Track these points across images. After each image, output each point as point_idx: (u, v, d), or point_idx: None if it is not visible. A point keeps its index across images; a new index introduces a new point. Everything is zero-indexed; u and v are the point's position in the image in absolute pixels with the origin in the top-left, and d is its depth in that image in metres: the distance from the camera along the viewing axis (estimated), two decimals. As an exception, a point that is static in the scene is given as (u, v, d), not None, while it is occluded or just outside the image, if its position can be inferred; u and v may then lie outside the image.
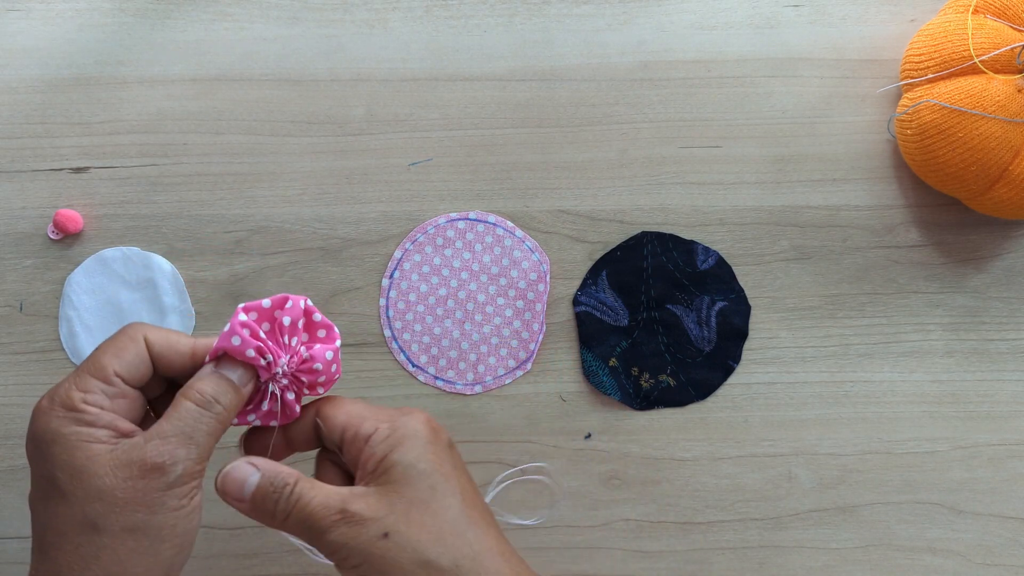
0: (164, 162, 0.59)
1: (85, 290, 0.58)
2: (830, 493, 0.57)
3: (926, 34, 0.55)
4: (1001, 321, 0.58)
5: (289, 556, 0.57)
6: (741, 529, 0.57)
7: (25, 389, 0.58)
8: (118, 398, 0.39)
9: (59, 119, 0.58)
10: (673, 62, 0.59)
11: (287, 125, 0.59)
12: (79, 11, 0.59)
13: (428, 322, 0.58)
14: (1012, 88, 0.51)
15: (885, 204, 0.59)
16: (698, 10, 0.59)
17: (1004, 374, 0.58)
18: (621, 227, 0.59)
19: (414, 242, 0.58)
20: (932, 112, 0.53)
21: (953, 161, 0.53)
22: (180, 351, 0.41)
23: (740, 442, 0.58)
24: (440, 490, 0.40)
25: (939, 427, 0.58)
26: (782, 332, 0.58)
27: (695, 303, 0.58)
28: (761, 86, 0.59)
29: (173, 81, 0.59)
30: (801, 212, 0.59)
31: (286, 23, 0.59)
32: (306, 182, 0.58)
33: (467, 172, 0.59)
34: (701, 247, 0.58)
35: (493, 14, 0.59)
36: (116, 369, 0.39)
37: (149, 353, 0.40)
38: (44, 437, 0.37)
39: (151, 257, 0.58)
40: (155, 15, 0.59)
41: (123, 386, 0.39)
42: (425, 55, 0.59)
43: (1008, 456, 0.58)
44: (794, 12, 0.59)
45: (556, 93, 0.59)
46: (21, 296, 0.58)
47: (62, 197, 0.58)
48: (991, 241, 0.59)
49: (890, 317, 0.58)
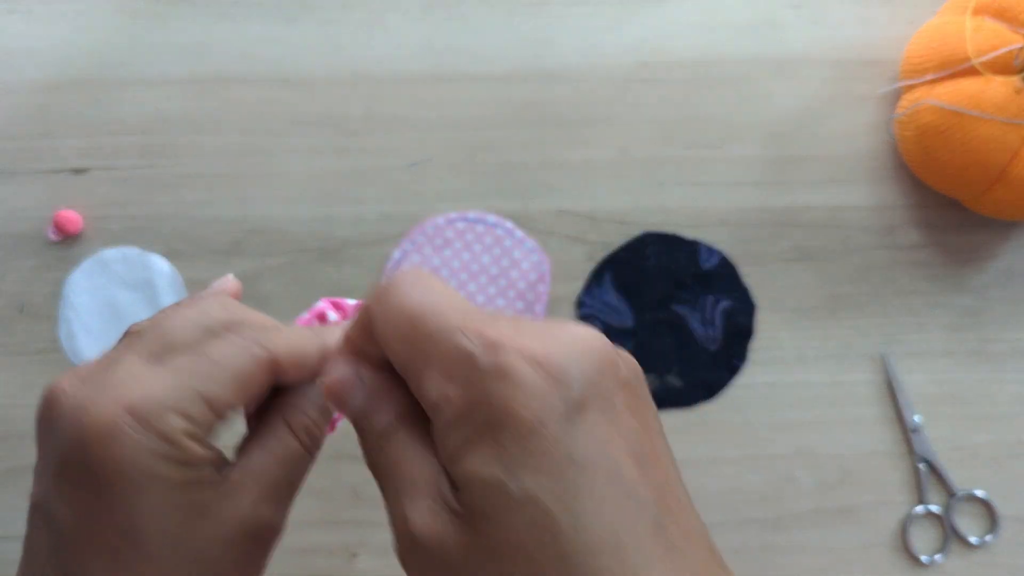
0: (163, 163, 0.58)
1: (85, 291, 0.58)
2: (830, 494, 0.57)
3: (925, 35, 0.55)
4: (1001, 321, 0.58)
5: (288, 557, 0.56)
6: (741, 530, 0.57)
7: (25, 390, 0.58)
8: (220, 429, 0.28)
9: (58, 120, 0.58)
10: (673, 62, 0.59)
11: (286, 125, 0.59)
12: (79, 12, 0.59)
13: (428, 323, 0.58)
14: (1011, 89, 0.51)
15: (885, 205, 0.59)
16: (698, 10, 0.59)
17: (1004, 374, 0.58)
18: (621, 227, 0.58)
19: (413, 243, 0.58)
20: (931, 113, 0.53)
21: (953, 162, 0.53)
22: (308, 365, 0.29)
23: (741, 443, 0.58)
24: (558, 529, 0.21)
25: (939, 427, 0.57)
26: (783, 333, 0.58)
27: (700, 303, 0.58)
28: (761, 87, 0.59)
29: (172, 82, 0.59)
30: (801, 213, 0.59)
31: (284, 23, 0.59)
32: (305, 182, 0.58)
33: (466, 172, 0.59)
34: (704, 247, 0.58)
35: (492, 14, 0.59)
36: (230, 400, 0.27)
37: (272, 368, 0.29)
38: (124, 471, 0.25)
39: (150, 258, 0.58)
40: (154, 16, 0.59)
41: (230, 415, 0.28)
42: (424, 54, 0.59)
43: (1008, 456, 0.57)
44: (794, 13, 0.59)
45: (556, 93, 0.59)
46: (21, 297, 0.58)
47: (61, 198, 0.58)
48: (991, 242, 0.59)
49: (890, 317, 0.58)
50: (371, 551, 0.56)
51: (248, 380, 0.28)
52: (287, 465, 0.29)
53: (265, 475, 0.28)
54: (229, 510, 0.27)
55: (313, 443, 0.30)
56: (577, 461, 0.22)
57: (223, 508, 0.27)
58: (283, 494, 0.29)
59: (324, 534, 0.56)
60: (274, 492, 0.28)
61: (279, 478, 0.29)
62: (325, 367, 0.28)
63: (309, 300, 0.42)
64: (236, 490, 0.28)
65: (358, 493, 0.56)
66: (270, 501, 0.28)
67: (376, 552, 0.56)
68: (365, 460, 0.27)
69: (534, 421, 0.22)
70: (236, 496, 0.27)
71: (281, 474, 0.29)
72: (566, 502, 0.21)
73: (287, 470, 0.29)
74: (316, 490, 0.56)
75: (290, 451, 0.29)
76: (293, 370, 0.29)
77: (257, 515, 0.28)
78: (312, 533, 0.56)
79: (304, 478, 0.30)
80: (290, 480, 0.29)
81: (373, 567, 0.56)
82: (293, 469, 0.29)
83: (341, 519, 0.56)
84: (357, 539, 0.56)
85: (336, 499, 0.56)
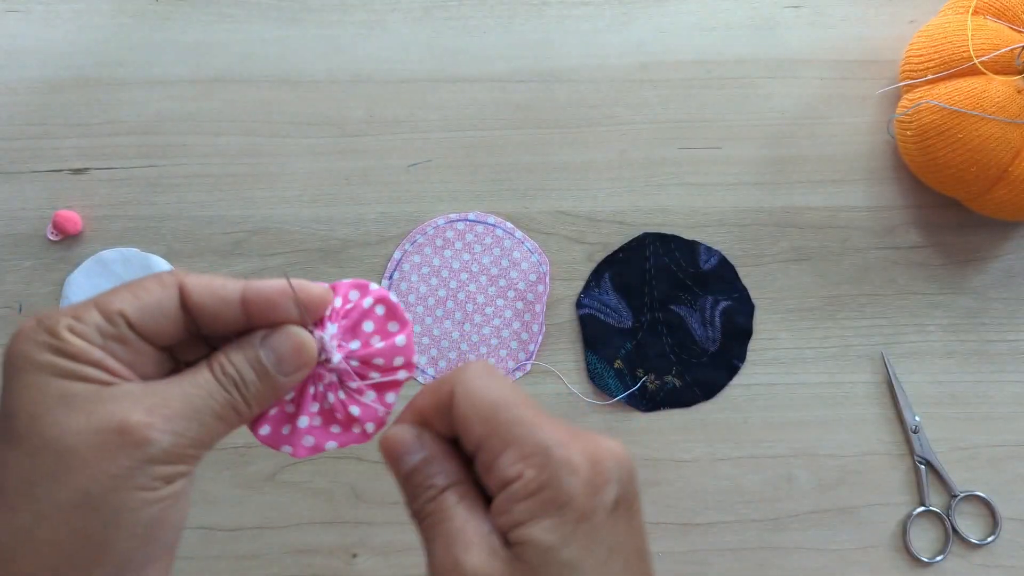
0: (163, 163, 0.58)
1: (85, 291, 0.58)
2: (830, 494, 0.57)
3: (926, 35, 0.55)
4: (1001, 322, 0.58)
5: (288, 557, 0.56)
6: (741, 530, 0.57)
7: (24, 390, 0.58)
8: (116, 342, 0.29)
9: (58, 120, 0.58)
10: (672, 63, 0.59)
11: (286, 126, 0.59)
12: (78, 12, 0.59)
13: (428, 323, 0.58)
14: (1012, 89, 0.51)
15: (885, 205, 0.59)
16: (698, 11, 0.59)
17: (1003, 375, 0.58)
18: (620, 228, 0.58)
19: (413, 243, 0.58)
20: (932, 113, 0.53)
21: (953, 162, 0.53)
22: (226, 299, 0.31)
23: (740, 443, 0.58)
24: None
25: (939, 427, 0.57)
26: (782, 333, 0.58)
27: (699, 303, 0.58)
28: (761, 87, 0.59)
29: (172, 82, 0.59)
30: (801, 213, 0.59)
31: (285, 24, 0.59)
32: (305, 183, 0.58)
33: (466, 173, 0.59)
34: (703, 247, 0.58)
35: (492, 15, 0.59)
36: (124, 308, 0.29)
37: (186, 303, 0.30)
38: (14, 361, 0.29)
39: (150, 258, 0.58)
40: (154, 16, 0.59)
41: (126, 331, 0.29)
42: (424, 56, 0.59)
43: (1008, 457, 0.57)
44: (793, 13, 0.59)
45: (555, 94, 0.59)
46: (20, 297, 0.58)
47: (61, 198, 0.58)
48: (991, 242, 0.59)
49: (890, 318, 0.58)
50: (371, 551, 0.56)
51: (150, 300, 0.30)
52: (188, 395, 0.30)
53: (160, 393, 0.29)
54: (103, 409, 0.28)
55: (238, 396, 0.31)
56: (610, 546, 0.29)
57: (97, 406, 0.28)
58: (173, 417, 0.29)
59: (324, 534, 0.56)
60: (160, 410, 0.29)
61: (179, 407, 0.29)
62: (388, 431, 0.33)
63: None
64: (122, 396, 0.29)
65: (358, 493, 0.56)
66: (152, 414, 0.28)
67: (376, 552, 0.56)
68: (410, 510, 0.31)
69: (588, 509, 0.28)
70: (118, 400, 0.28)
71: (173, 392, 0.29)
72: (598, 574, 0.29)
73: (187, 398, 0.30)
74: (316, 490, 0.56)
75: (199, 383, 0.30)
76: (210, 303, 0.30)
77: (125, 415, 0.28)
78: (312, 533, 0.56)
79: (219, 431, 0.31)
80: (187, 408, 0.29)
81: (373, 567, 0.56)
82: (195, 400, 0.30)
83: (341, 519, 0.56)
84: (357, 539, 0.56)
85: (336, 499, 0.56)
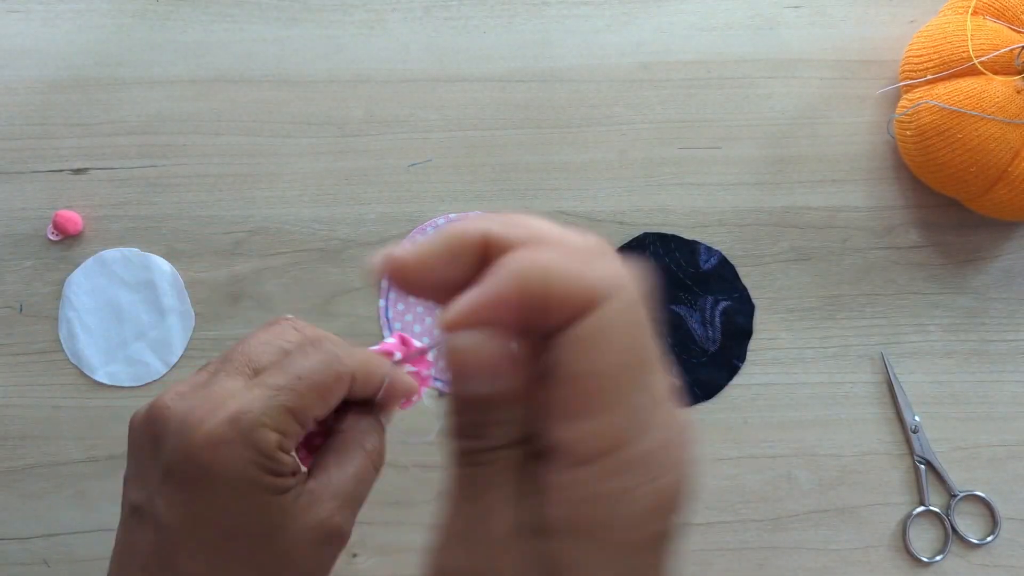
0: (163, 163, 0.58)
1: (85, 291, 0.58)
2: (830, 494, 0.57)
3: (925, 35, 0.55)
4: (1001, 322, 0.58)
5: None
6: (741, 530, 0.57)
7: (25, 390, 0.58)
8: None
9: (58, 120, 0.58)
10: (673, 63, 0.59)
11: (286, 126, 0.59)
12: (78, 12, 0.59)
13: (428, 323, 0.58)
14: (1011, 89, 0.51)
15: (885, 205, 0.59)
16: (698, 11, 0.59)
17: (1004, 375, 0.58)
18: (620, 228, 0.58)
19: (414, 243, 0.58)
20: (931, 113, 0.53)
21: (953, 162, 0.53)
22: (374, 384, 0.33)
23: (740, 443, 0.58)
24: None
25: (939, 427, 0.57)
26: (782, 333, 0.58)
27: (699, 303, 0.58)
28: (761, 87, 0.59)
29: (172, 82, 0.59)
30: (801, 213, 0.59)
31: (285, 24, 0.59)
32: (305, 183, 0.58)
33: (467, 173, 0.59)
34: (704, 247, 0.58)
35: (492, 15, 0.59)
36: (318, 416, 0.31)
37: None
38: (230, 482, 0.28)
39: (150, 258, 0.58)
40: (154, 16, 0.59)
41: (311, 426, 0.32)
42: (424, 56, 0.59)
43: (1008, 457, 0.57)
44: (794, 13, 0.59)
45: (555, 94, 0.59)
46: (21, 297, 0.58)
47: (62, 198, 0.58)
48: (991, 242, 0.59)
49: (890, 318, 0.58)
50: (371, 551, 0.56)
51: (328, 393, 0.31)
52: (359, 483, 0.32)
53: (341, 489, 0.32)
54: (311, 516, 0.30)
55: (380, 464, 0.33)
56: None
57: (306, 514, 0.30)
58: (353, 507, 0.32)
59: (324, 534, 0.56)
60: (347, 504, 0.32)
61: (351, 493, 0.32)
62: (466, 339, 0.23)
63: (310, 300, 0.42)
64: (316, 499, 0.31)
65: (358, 493, 0.56)
66: (343, 511, 0.31)
67: (376, 552, 0.56)
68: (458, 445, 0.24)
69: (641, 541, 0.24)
70: (317, 505, 0.31)
71: (353, 490, 0.32)
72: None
73: (358, 487, 0.32)
74: (316, 490, 0.56)
75: (363, 471, 0.32)
76: (363, 387, 0.32)
77: (333, 522, 0.31)
78: (312, 533, 0.56)
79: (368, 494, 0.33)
80: (359, 495, 0.32)
81: (373, 567, 0.56)
82: (362, 486, 0.32)
83: (341, 519, 0.56)
84: (357, 539, 0.56)
85: (336, 499, 0.56)
